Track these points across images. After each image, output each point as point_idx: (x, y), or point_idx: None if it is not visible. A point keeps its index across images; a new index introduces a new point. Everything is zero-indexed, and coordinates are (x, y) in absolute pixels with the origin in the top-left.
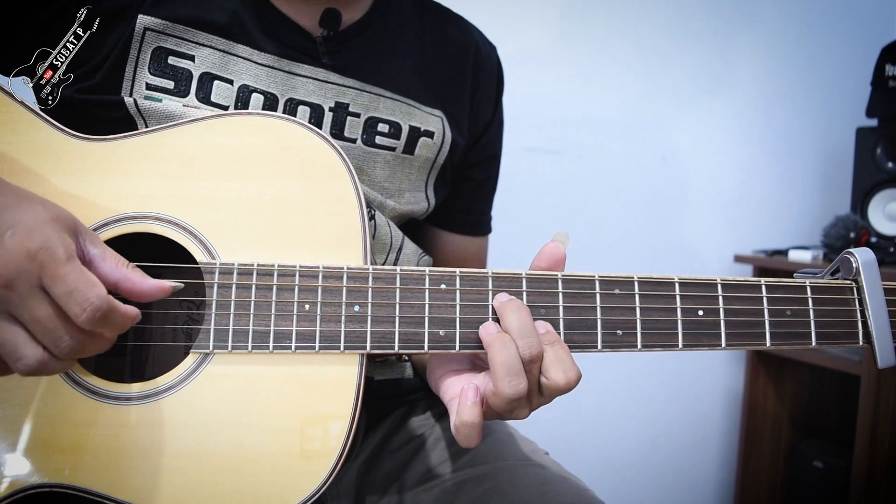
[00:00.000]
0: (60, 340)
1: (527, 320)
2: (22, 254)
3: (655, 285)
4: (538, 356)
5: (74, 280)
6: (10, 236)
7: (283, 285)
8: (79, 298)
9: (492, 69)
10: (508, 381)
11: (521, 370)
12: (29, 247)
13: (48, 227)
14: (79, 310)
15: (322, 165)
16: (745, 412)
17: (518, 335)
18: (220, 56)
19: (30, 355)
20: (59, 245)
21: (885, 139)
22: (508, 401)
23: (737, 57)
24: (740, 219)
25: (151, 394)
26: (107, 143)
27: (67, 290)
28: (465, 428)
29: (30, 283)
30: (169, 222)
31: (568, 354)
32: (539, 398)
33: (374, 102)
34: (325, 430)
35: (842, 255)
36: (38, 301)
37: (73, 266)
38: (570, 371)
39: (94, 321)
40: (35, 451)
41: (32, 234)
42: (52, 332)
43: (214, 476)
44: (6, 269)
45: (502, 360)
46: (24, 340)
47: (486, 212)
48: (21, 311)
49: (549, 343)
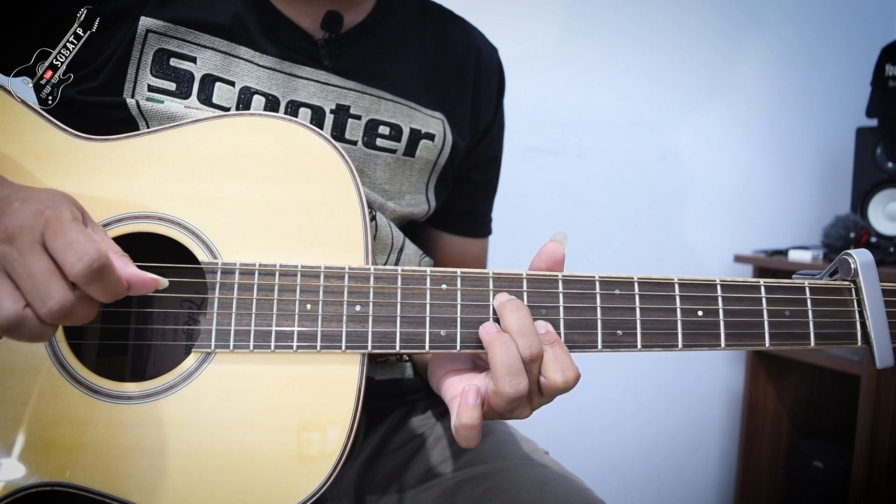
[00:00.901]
0: (49, 298)
1: (526, 320)
2: (29, 211)
3: (655, 286)
4: (538, 355)
5: (76, 234)
6: (20, 202)
7: (284, 285)
8: (77, 248)
9: (493, 71)
10: (509, 381)
11: (521, 369)
12: (37, 206)
13: (59, 196)
14: (75, 258)
15: (324, 166)
16: (745, 412)
17: (518, 334)
18: (221, 58)
19: (8, 307)
20: (66, 209)
21: (885, 139)
22: (509, 400)
23: (737, 57)
24: (740, 219)
25: (152, 393)
26: (109, 143)
27: (67, 241)
28: (465, 429)
29: (32, 237)
30: (171, 222)
31: (567, 354)
32: (539, 398)
33: (376, 105)
34: (325, 429)
35: (840, 257)
36: (35, 256)
37: (77, 225)
38: (568, 371)
39: (88, 273)
40: (35, 449)
41: (42, 199)
42: (42, 288)
43: (215, 475)
44: (11, 223)
45: (503, 360)
46: (7, 294)
47: (486, 213)
48: (17, 264)
49: (549, 343)
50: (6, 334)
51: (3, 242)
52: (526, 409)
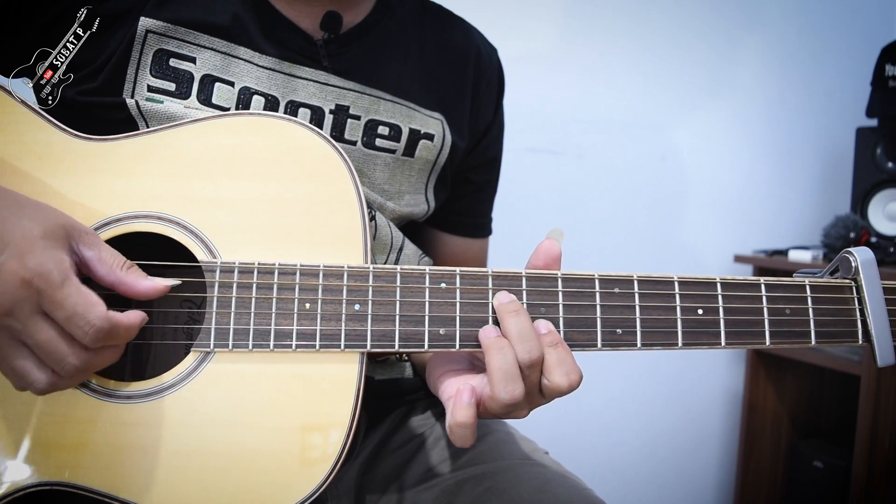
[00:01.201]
0: (64, 362)
1: (525, 324)
2: (17, 283)
3: (655, 284)
4: (538, 360)
5: (73, 304)
6: (2, 261)
7: (283, 284)
8: (80, 322)
9: (493, 71)
10: (504, 387)
11: (517, 375)
12: (23, 275)
13: (39, 248)
14: (81, 333)
15: (323, 165)
16: (745, 412)
17: (517, 340)
18: (221, 58)
19: (39, 379)
20: (53, 268)
21: (885, 139)
22: (504, 405)
23: (737, 57)
24: (740, 219)
25: (152, 392)
26: (109, 142)
27: (67, 315)
28: (459, 428)
29: (30, 309)
30: (171, 222)
31: (570, 356)
32: (539, 398)
33: (375, 105)
34: (325, 428)
35: (841, 255)
36: (39, 326)
37: (70, 289)
38: (572, 373)
39: (98, 341)
40: (36, 449)
41: (24, 260)
42: (55, 355)
43: (214, 474)
44: (4, 299)
45: (499, 366)
46: (32, 364)
47: (486, 213)
48: (24, 336)
49: (552, 345)
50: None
51: (4, 316)
52: (524, 409)
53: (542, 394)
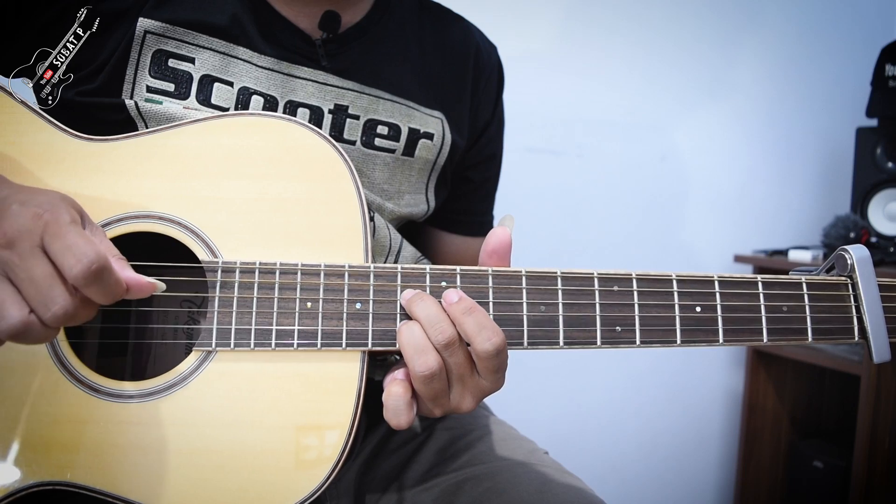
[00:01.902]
0: (52, 302)
1: (432, 307)
2: (28, 215)
3: (653, 282)
4: (453, 337)
5: (74, 237)
6: (18, 205)
7: (285, 283)
8: (76, 251)
9: (492, 69)
10: (417, 359)
11: (428, 347)
12: (35, 209)
13: (57, 199)
14: (74, 261)
15: (323, 165)
16: (745, 412)
17: (427, 325)
18: (220, 58)
19: (14, 315)
20: (65, 210)
21: (885, 139)
22: (422, 380)
23: (737, 57)
24: (740, 219)
25: (153, 392)
26: (109, 143)
27: (66, 244)
28: (390, 399)
29: (31, 241)
30: (171, 221)
31: (488, 319)
32: (478, 380)
33: (374, 104)
34: (326, 428)
35: (836, 252)
36: (36, 261)
37: (75, 227)
38: (494, 336)
39: (88, 275)
40: (36, 449)
41: (41, 202)
42: (44, 293)
43: (215, 474)
44: (10, 228)
45: (407, 342)
46: (13, 301)
47: (486, 212)
48: (18, 269)
49: (466, 312)
50: (12, 340)
51: (2, 247)
52: (466, 400)
53: (479, 374)
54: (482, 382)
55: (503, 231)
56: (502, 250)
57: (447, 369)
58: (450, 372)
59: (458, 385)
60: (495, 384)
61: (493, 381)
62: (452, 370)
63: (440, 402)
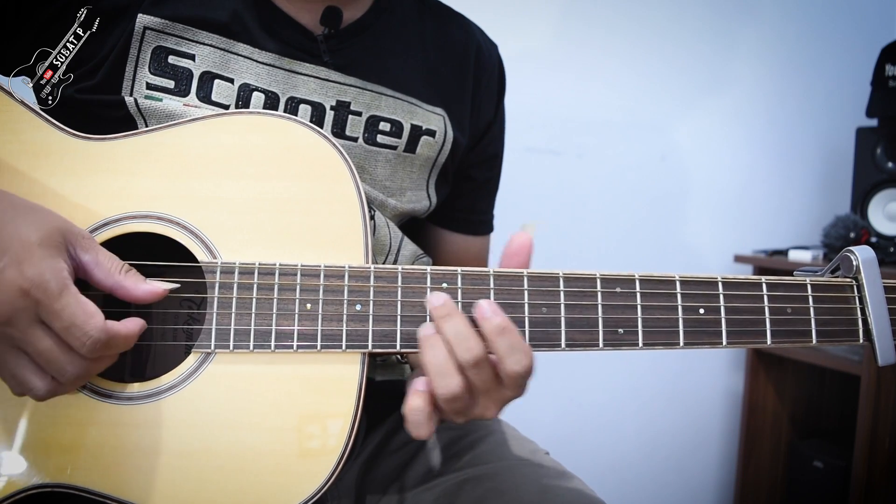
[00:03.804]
0: (64, 370)
1: (461, 324)
2: (15, 292)
3: (656, 284)
4: (481, 357)
5: (70, 315)
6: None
7: (284, 284)
8: (77, 333)
9: (493, 68)
10: (439, 382)
11: (451, 371)
12: (21, 284)
13: (37, 257)
14: (79, 343)
15: (323, 165)
16: (745, 412)
17: (454, 342)
18: (220, 55)
19: (38, 386)
20: (51, 277)
21: (885, 139)
22: (444, 400)
23: (737, 57)
24: (740, 219)
25: (153, 393)
26: (107, 142)
27: (65, 325)
28: (411, 413)
29: (28, 318)
30: (170, 222)
31: (520, 340)
32: (502, 392)
33: (376, 101)
34: (326, 429)
35: (842, 253)
36: (38, 335)
37: (68, 299)
38: (524, 359)
39: (95, 351)
40: (36, 450)
41: (22, 269)
42: (55, 363)
43: (216, 475)
44: (2, 309)
45: (430, 361)
46: (32, 372)
47: (487, 211)
48: (24, 344)
49: (500, 333)
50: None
51: (3, 325)
52: (490, 408)
53: (505, 386)
54: (507, 393)
55: (525, 234)
56: (523, 253)
57: (471, 386)
58: (474, 388)
59: (481, 398)
60: (519, 394)
61: (518, 392)
62: (478, 387)
63: (463, 414)
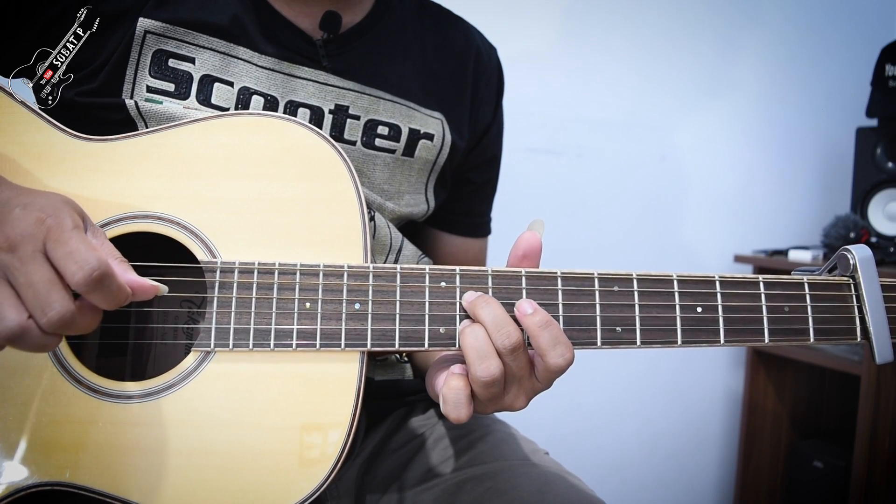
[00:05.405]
0: (50, 308)
1: (498, 311)
2: (31, 219)
3: (654, 282)
4: (518, 343)
5: (76, 243)
6: (21, 209)
7: (283, 283)
8: (78, 257)
9: (492, 71)
10: (479, 364)
11: (491, 352)
12: (39, 214)
13: (60, 203)
14: (76, 267)
15: (323, 165)
16: (745, 412)
17: (493, 328)
18: (220, 58)
19: (12, 318)
20: (68, 216)
21: (885, 139)
22: (483, 385)
23: (737, 57)
24: (740, 219)
25: (152, 392)
26: (108, 143)
27: (68, 250)
28: (451, 392)
29: (34, 246)
30: (171, 222)
31: (562, 333)
32: (534, 383)
33: (374, 105)
34: (325, 428)
35: (839, 252)
36: (37, 265)
37: (78, 233)
38: (567, 352)
39: (90, 281)
40: (36, 449)
41: (43, 206)
42: (43, 298)
43: (215, 474)
44: (12, 231)
45: (471, 345)
46: (10, 304)
47: (486, 213)
48: (18, 273)
49: (542, 325)
50: (9, 344)
51: (4, 251)
52: (520, 399)
53: (538, 378)
54: (537, 385)
55: (533, 235)
56: (533, 253)
57: (507, 373)
58: (509, 374)
59: (514, 386)
60: (548, 386)
61: (548, 385)
62: (514, 373)
63: (495, 402)
